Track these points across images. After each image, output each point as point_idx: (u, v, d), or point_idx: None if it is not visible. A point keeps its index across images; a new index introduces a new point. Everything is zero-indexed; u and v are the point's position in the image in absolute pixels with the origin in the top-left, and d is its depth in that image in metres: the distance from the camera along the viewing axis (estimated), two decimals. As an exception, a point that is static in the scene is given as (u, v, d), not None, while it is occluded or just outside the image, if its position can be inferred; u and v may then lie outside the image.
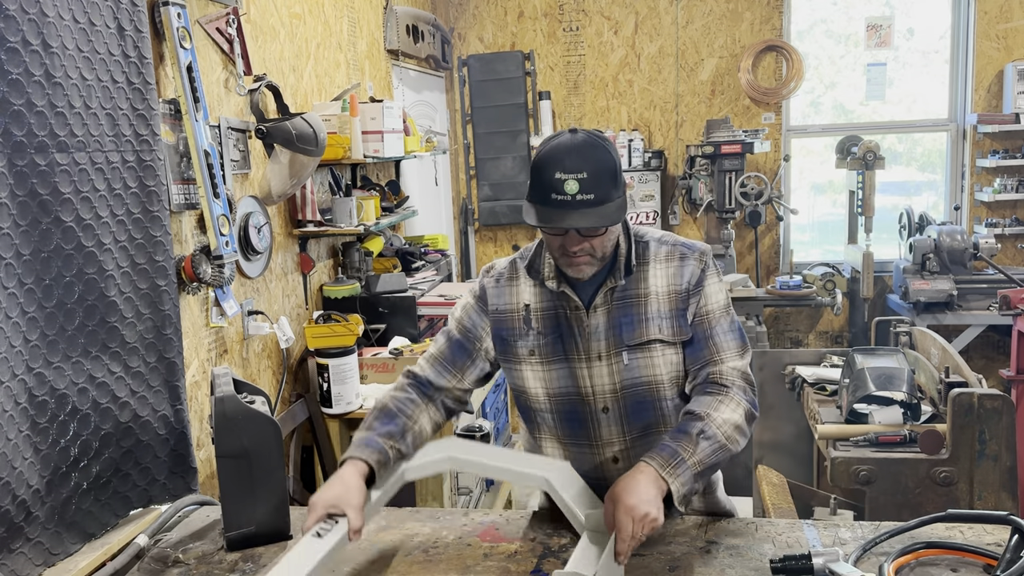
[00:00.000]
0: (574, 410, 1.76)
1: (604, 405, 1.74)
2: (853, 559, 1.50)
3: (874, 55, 5.27)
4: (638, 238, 1.76)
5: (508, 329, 1.79)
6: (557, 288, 1.73)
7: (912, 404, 2.83)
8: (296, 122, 2.81)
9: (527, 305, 1.78)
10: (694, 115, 5.38)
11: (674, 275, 1.72)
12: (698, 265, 1.73)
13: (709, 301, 1.72)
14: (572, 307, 1.73)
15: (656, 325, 1.71)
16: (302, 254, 3.29)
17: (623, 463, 1.76)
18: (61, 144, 1.77)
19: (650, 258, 1.74)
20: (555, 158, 1.58)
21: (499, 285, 1.82)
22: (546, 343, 1.75)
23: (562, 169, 1.56)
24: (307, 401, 3.12)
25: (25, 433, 1.70)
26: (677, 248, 1.75)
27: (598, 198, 1.56)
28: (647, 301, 1.72)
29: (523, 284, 1.79)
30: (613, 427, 1.75)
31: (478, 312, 1.82)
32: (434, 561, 1.67)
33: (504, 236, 5.72)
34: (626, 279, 1.72)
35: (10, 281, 1.67)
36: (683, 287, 1.72)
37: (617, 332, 1.71)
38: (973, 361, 4.91)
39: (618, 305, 1.72)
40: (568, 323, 1.74)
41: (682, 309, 1.71)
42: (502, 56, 5.44)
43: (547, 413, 1.79)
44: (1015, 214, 5.06)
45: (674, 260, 1.73)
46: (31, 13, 1.69)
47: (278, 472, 1.81)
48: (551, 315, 1.75)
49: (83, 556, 1.83)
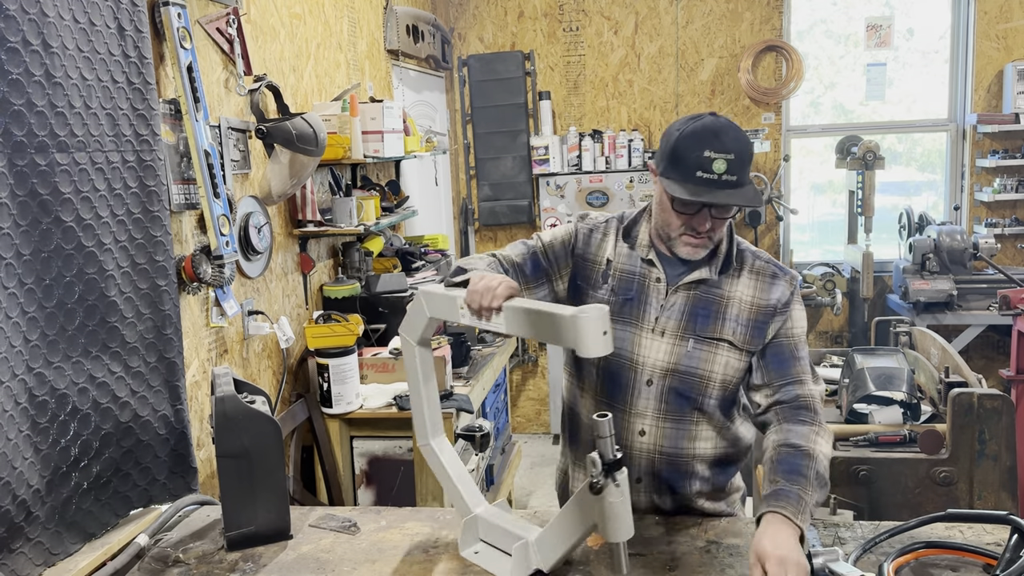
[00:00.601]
0: (620, 373, 1.80)
1: (649, 378, 1.77)
2: (853, 559, 1.50)
3: (874, 55, 5.27)
4: (737, 244, 1.81)
5: (585, 278, 1.84)
6: (646, 256, 1.78)
7: (912, 404, 2.83)
8: (296, 122, 2.81)
9: (609, 261, 1.82)
10: (694, 115, 5.37)
11: (762, 290, 1.76)
12: (788, 288, 1.77)
13: (795, 325, 1.76)
14: (654, 279, 1.78)
15: (731, 328, 1.74)
16: (302, 254, 3.29)
17: (648, 438, 1.79)
18: (61, 144, 1.77)
19: (744, 266, 1.79)
20: (704, 137, 1.61)
21: (591, 235, 1.86)
22: (616, 302, 1.78)
23: (711, 148, 1.59)
24: (307, 401, 3.12)
25: (25, 433, 1.70)
26: (770, 266, 1.80)
27: (740, 180, 1.61)
28: (728, 303, 1.76)
29: (611, 241, 1.84)
30: (651, 401, 1.78)
31: (565, 251, 1.86)
32: (434, 561, 1.67)
33: (504, 236, 5.72)
34: (716, 278, 1.76)
35: (10, 281, 1.67)
36: (770, 304, 1.75)
37: (692, 319, 1.75)
38: (973, 361, 4.91)
39: (700, 295, 1.76)
40: (644, 291, 1.78)
41: (762, 323, 1.75)
42: (502, 56, 5.44)
43: (594, 367, 1.83)
44: (1015, 214, 5.06)
45: (765, 277, 1.78)
46: (31, 13, 1.69)
47: (278, 472, 1.81)
48: (629, 278, 1.80)
49: (83, 556, 1.83)
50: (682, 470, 1.81)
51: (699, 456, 1.80)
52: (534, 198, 5.55)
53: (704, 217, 1.66)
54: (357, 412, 3.10)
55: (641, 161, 5.27)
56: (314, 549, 1.76)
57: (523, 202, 5.54)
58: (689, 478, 1.82)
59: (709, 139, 1.60)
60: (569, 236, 1.88)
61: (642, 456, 1.80)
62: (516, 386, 5.84)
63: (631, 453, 1.79)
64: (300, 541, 1.80)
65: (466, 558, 1.67)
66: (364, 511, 1.95)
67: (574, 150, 5.37)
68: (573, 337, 1.39)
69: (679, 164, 1.63)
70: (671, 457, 1.80)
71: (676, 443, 1.79)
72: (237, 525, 1.77)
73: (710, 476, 1.83)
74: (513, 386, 5.80)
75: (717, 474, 1.84)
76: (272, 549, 1.77)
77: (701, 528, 1.74)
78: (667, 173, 1.66)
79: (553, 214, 5.45)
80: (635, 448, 1.79)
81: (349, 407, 3.08)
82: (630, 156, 5.28)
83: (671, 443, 1.79)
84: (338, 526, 1.85)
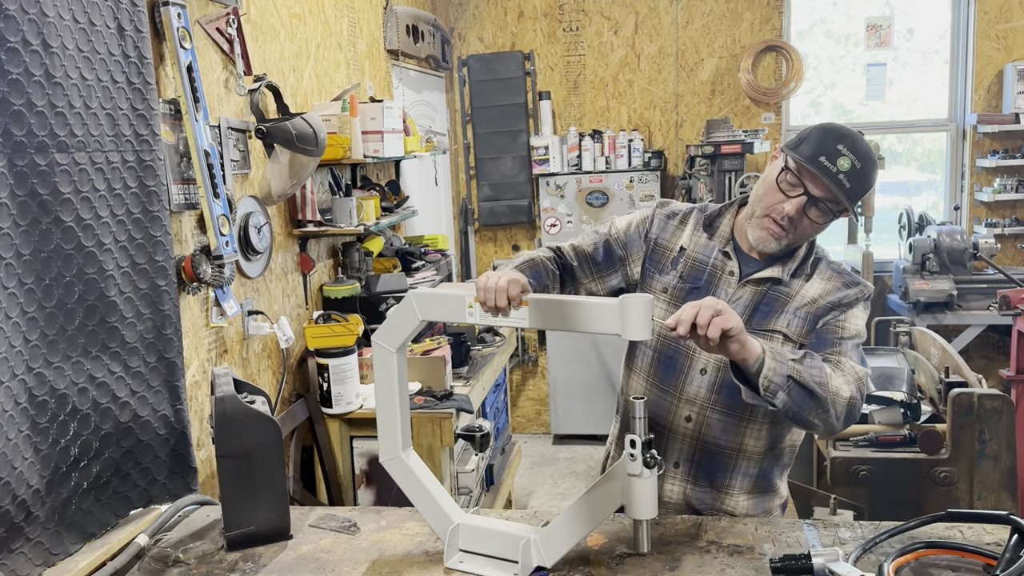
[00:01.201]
0: (674, 358, 1.82)
1: (703, 367, 1.79)
2: (853, 559, 1.50)
3: (874, 55, 5.27)
4: (816, 253, 1.82)
5: (655, 262, 1.87)
6: (724, 247, 1.80)
7: (912, 404, 2.83)
8: (296, 122, 2.81)
9: (683, 248, 1.84)
10: (694, 115, 5.38)
11: (830, 293, 1.77)
12: (856, 295, 1.77)
13: (848, 320, 1.75)
14: (727, 271, 1.80)
15: (787, 320, 1.75)
16: (302, 254, 3.29)
17: (694, 424, 1.81)
18: (61, 144, 1.77)
19: (818, 273, 1.80)
20: (844, 134, 1.66)
21: (668, 221, 1.90)
22: (682, 287, 1.81)
23: (846, 146, 1.63)
24: (307, 401, 3.12)
25: (25, 433, 1.70)
26: (845, 275, 1.81)
27: (852, 190, 1.64)
28: (791, 300, 1.77)
29: (688, 230, 1.87)
30: (702, 389, 1.79)
31: (640, 234, 1.90)
32: (434, 561, 1.67)
33: (504, 236, 5.72)
34: (788, 279, 1.77)
35: (10, 281, 1.67)
36: (832, 302, 1.75)
37: (753, 313, 1.76)
38: (973, 361, 4.91)
39: (768, 292, 1.77)
40: (713, 281, 1.80)
41: (817, 316, 1.75)
42: (502, 56, 5.44)
43: (649, 350, 1.86)
44: (1015, 214, 5.06)
45: (837, 283, 1.78)
46: (31, 13, 1.69)
47: (278, 472, 1.81)
48: (700, 267, 1.82)
49: (83, 556, 1.83)
50: (722, 464, 1.82)
51: (742, 451, 1.81)
52: (534, 198, 5.55)
53: (799, 205, 1.67)
54: (357, 412, 3.10)
55: (641, 161, 5.28)
56: (314, 549, 1.76)
57: (523, 202, 5.54)
58: (728, 473, 1.83)
59: (847, 138, 1.65)
60: (645, 220, 1.91)
61: (685, 441, 1.82)
62: (516, 386, 5.84)
63: (675, 437, 1.82)
64: (300, 541, 1.80)
65: (451, 567, 1.66)
66: (364, 511, 1.95)
67: (574, 150, 5.37)
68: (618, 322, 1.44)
69: (808, 142, 1.67)
70: (713, 447, 1.81)
71: (721, 435, 1.80)
72: (237, 525, 1.77)
73: (751, 474, 1.83)
74: (513, 386, 5.80)
75: (758, 474, 1.84)
76: (272, 549, 1.77)
77: (701, 528, 1.74)
78: (793, 147, 1.69)
79: (553, 214, 5.46)
80: (679, 433, 1.82)
81: (349, 407, 3.08)
82: (630, 156, 5.28)
83: (715, 434, 1.80)
84: (338, 526, 1.85)
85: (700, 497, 1.85)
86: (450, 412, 3.01)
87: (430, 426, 2.98)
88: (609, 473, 1.54)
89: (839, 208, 1.68)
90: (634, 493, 1.51)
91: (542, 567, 1.59)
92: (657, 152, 5.30)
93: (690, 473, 1.85)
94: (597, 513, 1.56)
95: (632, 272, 1.89)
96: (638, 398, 1.50)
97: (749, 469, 1.83)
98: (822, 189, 1.65)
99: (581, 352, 5.38)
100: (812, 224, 1.70)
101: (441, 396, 3.11)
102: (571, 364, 5.42)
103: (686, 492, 1.86)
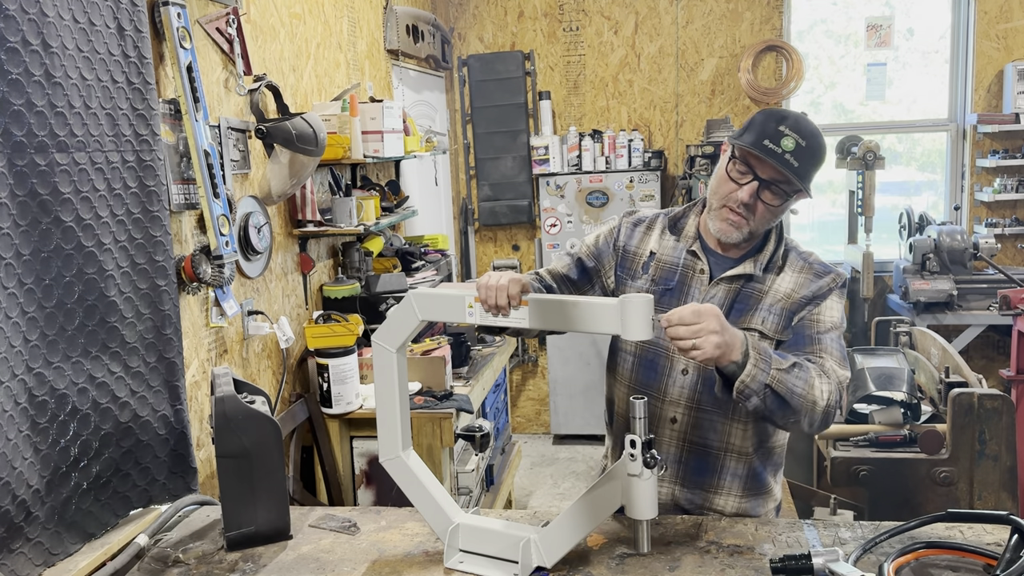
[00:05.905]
0: (655, 361, 1.83)
1: (685, 367, 1.80)
2: (853, 559, 1.50)
3: (874, 55, 5.27)
4: (786, 244, 1.83)
5: (626, 268, 1.90)
6: (689, 247, 1.81)
7: (912, 404, 2.83)
8: (296, 122, 2.81)
9: (652, 253, 1.86)
10: (694, 115, 5.38)
11: (802, 284, 1.77)
12: (829, 284, 1.77)
13: (823, 312, 1.76)
14: (698, 270, 1.81)
15: (762, 318, 1.76)
16: (302, 254, 3.29)
17: (680, 425, 1.81)
18: (61, 144, 1.77)
19: (789, 265, 1.81)
20: (785, 116, 1.68)
21: (635, 228, 1.92)
22: (655, 291, 1.82)
23: (788, 126, 1.64)
24: (307, 401, 3.12)
25: (25, 433, 1.70)
26: (816, 264, 1.81)
27: (800, 168, 1.65)
28: (765, 296, 1.77)
29: (655, 235, 1.89)
30: (685, 389, 1.80)
31: (608, 244, 1.93)
32: (434, 561, 1.67)
33: (504, 236, 5.72)
34: (760, 274, 1.78)
35: (10, 281, 1.67)
36: (806, 296, 1.76)
37: (728, 311, 1.77)
38: (973, 361, 4.91)
39: (741, 289, 1.78)
40: (685, 282, 1.81)
41: (792, 312, 1.76)
42: (502, 56, 5.44)
43: (630, 356, 1.87)
44: (1015, 214, 5.05)
45: (810, 274, 1.79)
46: (31, 13, 1.69)
47: (278, 472, 1.81)
48: (670, 269, 1.83)
49: (83, 556, 1.83)
50: (711, 464, 1.82)
51: (730, 450, 1.81)
52: (534, 198, 5.55)
53: (750, 191, 1.69)
54: (357, 412, 3.10)
55: (641, 161, 5.27)
56: (314, 549, 1.76)
57: (523, 202, 5.54)
58: (717, 473, 1.83)
59: (788, 119, 1.66)
60: (612, 231, 1.93)
61: (672, 443, 1.82)
62: (516, 386, 5.84)
63: (661, 439, 1.82)
64: (300, 541, 1.80)
65: (451, 567, 1.66)
66: (364, 511, 1.95)
67: (574, 150, 5.37)
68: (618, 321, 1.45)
69: (751, 129, 1.68)
70: (700, 448, 1.81)
71: (707, 434, 1.80)
72: (237, 525, 1.77)
73: (740, 475, 1.83)
74: (513, 386, 5.80)
75: (748, 474, 1.84)
76: (272, 549, 1.77)
77: (701, 528, 1.74)
78: (738, 136, 1.71)
79: (553, 214, 5.45)
80: (665, 435, 1.82)
81: (349, 407, 3.08)
82: (630, 156, 5.28)
83: (702, 433, 1.80)
84: (338, 526, 1.85)
85: (689, 498, 1.85)
86: (450, 412, 3.01)
87: (430, 426, 2.98)
88: (609, 473, 1.54)
89: (792, 188, 1.69)
90: (634, 493, 1.51)
91: (542, 567, 1.59)
92: (657, 152, 5.30)
93: (678, 475, 1.85)
94: (597, 513, 1.56)
95: (607, 282, 1.92)
96: (638, 398, 1.51)
97: (738, 469, 1.83)
98: (770, 171, 1.67)
99: (581, 352, 5.38)
100: (768, 208, 1.71)
101: (441, 396, 3.11)
102: (571, 364, 5.42)
103: (675, 493, 1.86)
